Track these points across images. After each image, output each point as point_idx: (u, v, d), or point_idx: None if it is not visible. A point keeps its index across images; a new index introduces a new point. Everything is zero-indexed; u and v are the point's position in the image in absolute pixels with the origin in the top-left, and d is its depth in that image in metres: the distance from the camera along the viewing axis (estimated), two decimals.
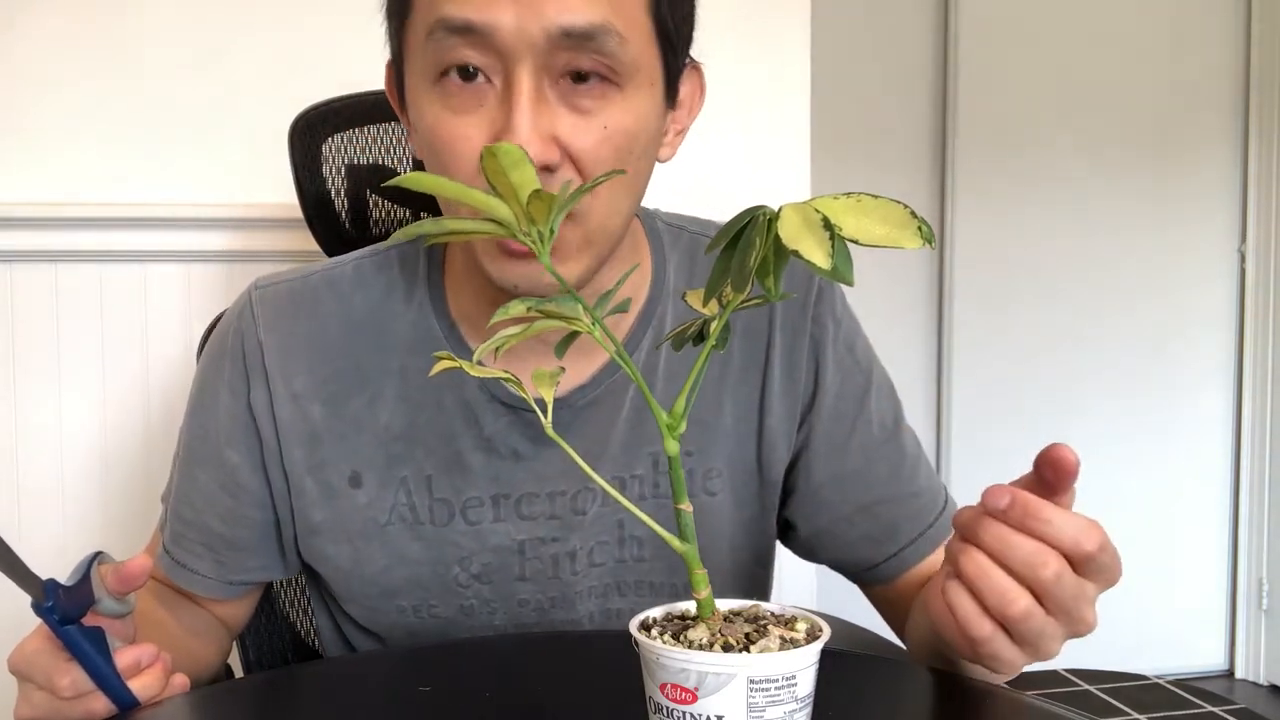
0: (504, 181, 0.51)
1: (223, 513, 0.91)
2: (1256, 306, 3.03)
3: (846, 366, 0.93)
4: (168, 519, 0.94)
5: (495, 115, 0.75)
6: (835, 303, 0.94)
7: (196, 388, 0.93)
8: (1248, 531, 3.05)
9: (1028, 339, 2.91)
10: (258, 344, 0.89)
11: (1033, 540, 0.65)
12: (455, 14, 0.74)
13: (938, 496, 0.95)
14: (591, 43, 0.74)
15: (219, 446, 0.90)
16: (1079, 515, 0.66)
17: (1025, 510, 0.65)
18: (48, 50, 1.55)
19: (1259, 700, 2.94)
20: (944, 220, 2.90)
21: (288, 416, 0.88)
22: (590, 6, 0.74)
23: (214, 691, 0.85)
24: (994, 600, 0.66)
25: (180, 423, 0.95)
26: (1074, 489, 0.67)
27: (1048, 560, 0.65)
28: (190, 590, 0.92)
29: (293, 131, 1.20)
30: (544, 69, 0.75)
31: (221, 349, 0.92)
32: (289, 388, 0.89)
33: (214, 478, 0.91)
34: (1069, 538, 0.65)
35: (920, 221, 0.49)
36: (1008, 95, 2.89)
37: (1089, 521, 0.66)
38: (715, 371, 0.91)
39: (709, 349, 0.57)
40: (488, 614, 0.90)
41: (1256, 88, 2.99)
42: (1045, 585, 0.65)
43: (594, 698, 0.75)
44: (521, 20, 0.73)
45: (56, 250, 1.54)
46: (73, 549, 1.56)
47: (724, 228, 0.53)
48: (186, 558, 0.92)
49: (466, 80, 0.76)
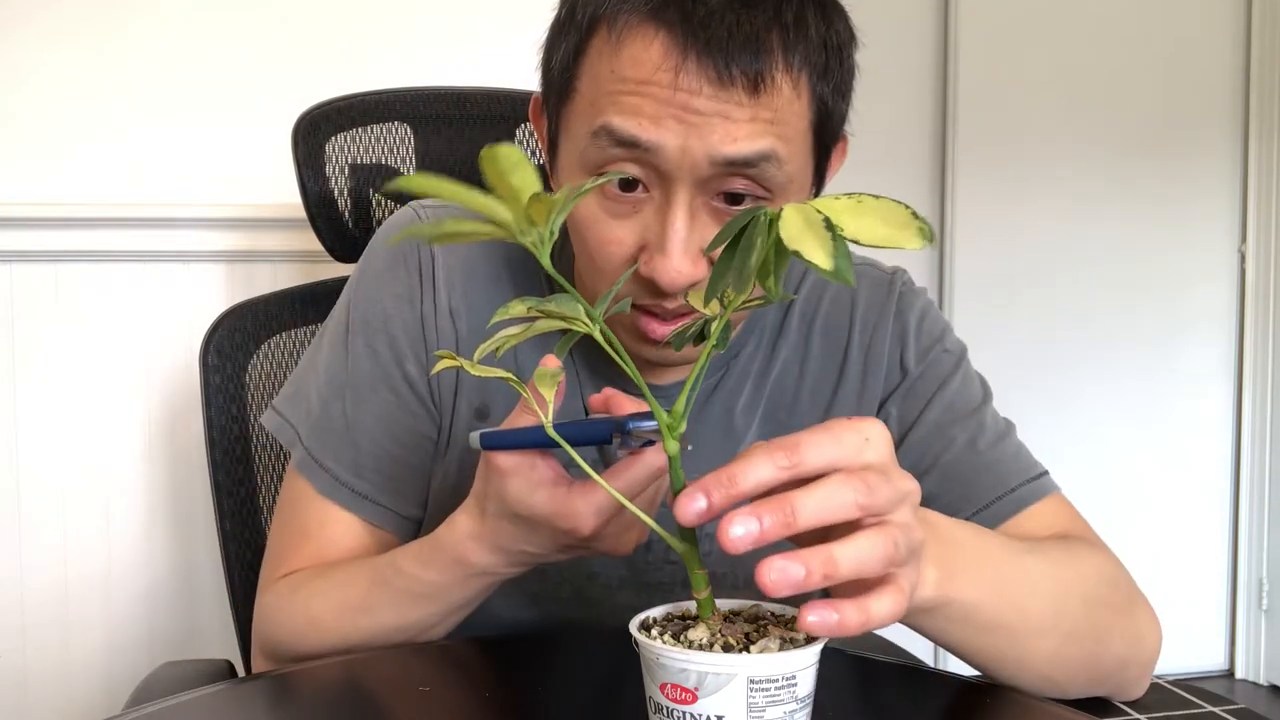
0: (504, 184, 0.51)
1: (401, 435, 0.89)
2: (1256, 306, 3.03)
3: (934, 355, 0.94)
4: (333, 442, 0.89)
5: (649, 224, 0.77)
6: (919, 298, 0.96)
7: (361, 308, 0.90)
8: (1248, 531, 3.05)
9: (1028, 339, 2.91)
10: (431, 255, 0.90)
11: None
12: (622, 128, 0.74)
13: (1028, 468, 0.91)
14: (752, 169, 0.75)
15: (397, 363, 0.89)
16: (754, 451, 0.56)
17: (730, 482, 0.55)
18: (48, 50, 1.55)
19: (1259, 700, 2.94)
20: (944, 220, 2.90)
21: (446, 329, 0.89)
22: (755, 138, 0.74)
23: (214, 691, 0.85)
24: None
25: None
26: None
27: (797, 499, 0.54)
28: (376, 523, 0.89)
29: (296, 131, 1.20)
30: (701, 188, 0.75)
31: (393, 260, 0.91)
32: (449, 301, 0.89)
33: (392, 397, 0.89)
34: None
35: (921, 222, 0.49)
36: (1008, 95, 2.89)
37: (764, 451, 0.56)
38: (794, 370, 0.93)
39: (709, 349, 0.58)
40: (557, 581, 0.90)
41: (1256, 88, 2.99)
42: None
43: (594, 698, 0.75)
44: (687, 144, 0.73)
45: (56, 250, 1.54)
46: (73, 548, 1.57)
47: (724, 228, 0.53)
48: (369, 489, 0.89)
49: (625, 190, 0.76)
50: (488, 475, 0.70)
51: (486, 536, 0.73)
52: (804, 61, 0.76)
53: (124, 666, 1.59)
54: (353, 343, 0.90)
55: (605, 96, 0.75)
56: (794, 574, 0.53)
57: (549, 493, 0.68)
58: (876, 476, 0.56)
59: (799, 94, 0.76)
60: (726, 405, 0.92)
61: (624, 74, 0.74)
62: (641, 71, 0.73)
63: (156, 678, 1.00)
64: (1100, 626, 0.80)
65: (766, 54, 0.73)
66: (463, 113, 1.26)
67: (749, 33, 0.73)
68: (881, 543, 0.55)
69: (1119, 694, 0.83)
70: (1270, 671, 3.02)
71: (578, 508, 0.67)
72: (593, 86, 0.77)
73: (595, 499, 0.67)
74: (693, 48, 0.72)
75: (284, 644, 0.88)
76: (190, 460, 1.57)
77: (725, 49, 0.72)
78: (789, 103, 0.76)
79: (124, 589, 1.60)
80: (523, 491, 0.68)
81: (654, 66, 0.73)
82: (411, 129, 1.23)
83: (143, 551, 1.60)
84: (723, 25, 0.73)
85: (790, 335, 0.94)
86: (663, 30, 0.73)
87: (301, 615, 0.86)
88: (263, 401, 1.17)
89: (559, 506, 0.67)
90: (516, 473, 0.68)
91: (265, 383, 1.18)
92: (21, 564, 1.55)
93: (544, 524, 0.68)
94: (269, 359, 1.18)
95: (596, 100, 0.76)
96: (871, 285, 0.95)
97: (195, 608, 1.60)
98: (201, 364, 1.15)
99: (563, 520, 0.67)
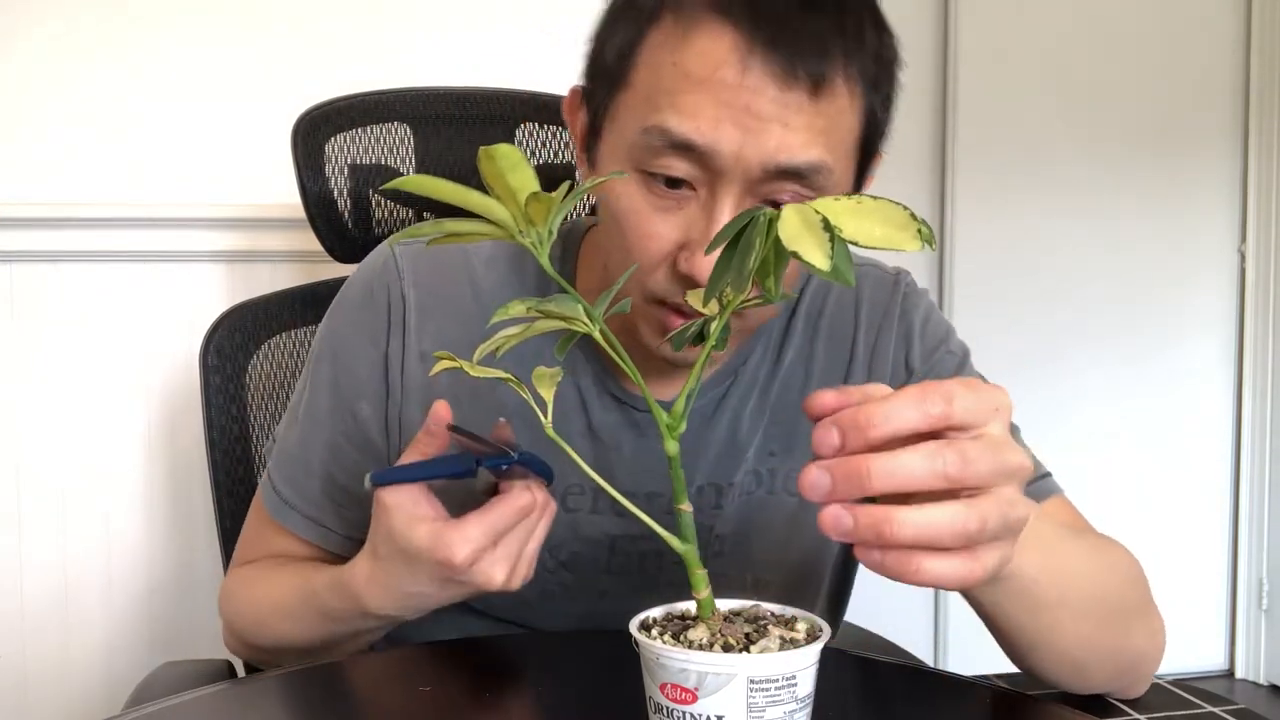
0: (502, 184, 0.51)
1: (348, 465, 0.91)
2: (1256, 306, 3.02)
3: (938, 356, 0.95)
4: (291, 471, 0.93)
5: (694, 221, 0.76)
6: (923, 299, 0.96)
7: (329, 340, 0.93)
8: (1248, 531, 3.05)
9: (1027, 339, 2.91)
10: (401, 296, 0.90)
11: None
12: (678, 129, 0.74)
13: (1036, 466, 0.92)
14: (801, 179, 0.75)
15: (351, 399, 0.91)
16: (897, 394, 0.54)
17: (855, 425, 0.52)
18: (49, 51, 1.55)
19: (1259, 700, 2.94)
20: (944, 220, 2.90)
21: (414, 373, 0.90)
22: (810, 147, 0.74)
23: (214, 691, 0.85)
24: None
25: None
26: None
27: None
28: (307, 539, 0.92)
29: (296, 131, 1.20)
30: (749, 191, 0.75)
31: (363, 300, 0.92)
32: (419, 344, 0.90)
33: (341, 429, 0.91)
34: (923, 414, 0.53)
35: (920, 223, 0.49)
36: (1008, 95, 2.88)
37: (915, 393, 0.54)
38: (800, 372, 0.93)
39: (708, 349, 0.58)
40: (567, 600, 0.90)
41: (1256, 88, 2.99)
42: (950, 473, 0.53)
43: (594, 698, 0.75)
44: (743, 149, 0.73)
45: (56, 250, 1.54)
46: (73, 549, 1.57)
47: (724, 228, 0.53)
48: (310, 509, 0.92)
49: (671, 187, 0.76)
50: (378, 515, 0.76)
51: (378, 577, 0.77)
52: (860, 71, 0.76)
53: (124, 666, 1.59)
54: (316, 371, 0.93)
55: (664, 93, 0.74)
56: (844, 523, 0.52)
57: (428, 526, 0.73)
58: (982, 448, 0.53)
59: (853, 103, 0.77)
60: (735, 413, 0.92)
61: (688, 68, 0.74)
62: (706, 66, 0.73)
63: (156, 678, 1.00)
64: (1127, 618, 0.81)
65: (830, 57, 0.74)
66: (463, 113, 1.26)
67: (815, 33, 0.74)
68: (962, 517, 0.52)
69: (1129, 690, 0.84)
70: (1270, 671, 3.02)
71: (451, 537, 0.72)
72: (651, 79, 0.76)
73: (467, 530, 0.72)
74: (760, 43, 0.72)
75: (239, 631, 0.96)
76: (190, 460, 1.57)
77: (792, 47, 0.73)
78: (842, 112, 0.76)
79: (124, 589, 1.60)
80: (405, 525, 0.74)
81: (720, 61, 0.73)
82: (411, 129, 1.23)
83: (143, 551, 1.60)
84: (790, 24, 0.73)
85: (795, 338, 0.94)
86: (730, 24, 0.73)
87: (251, 612, 0.93)
88: (263, 401, 1.18)
89: (434, 539, 0.72)
90: (400, 508, 0.74)
91: (265, 383, 1.18)
92: (21, 564, 1.54)
93: (424, 558, 0.73)
94: (269, 359, 1.19)
95: (653, 95, 0.75)
96: (876, 286, 0.95)
97: (195, 608, 1.60)
98: (202, 364, 1.15)
99: (438, 551, 0.72)
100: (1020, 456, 0.56)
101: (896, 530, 0.52)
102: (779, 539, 0.94)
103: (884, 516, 0.52)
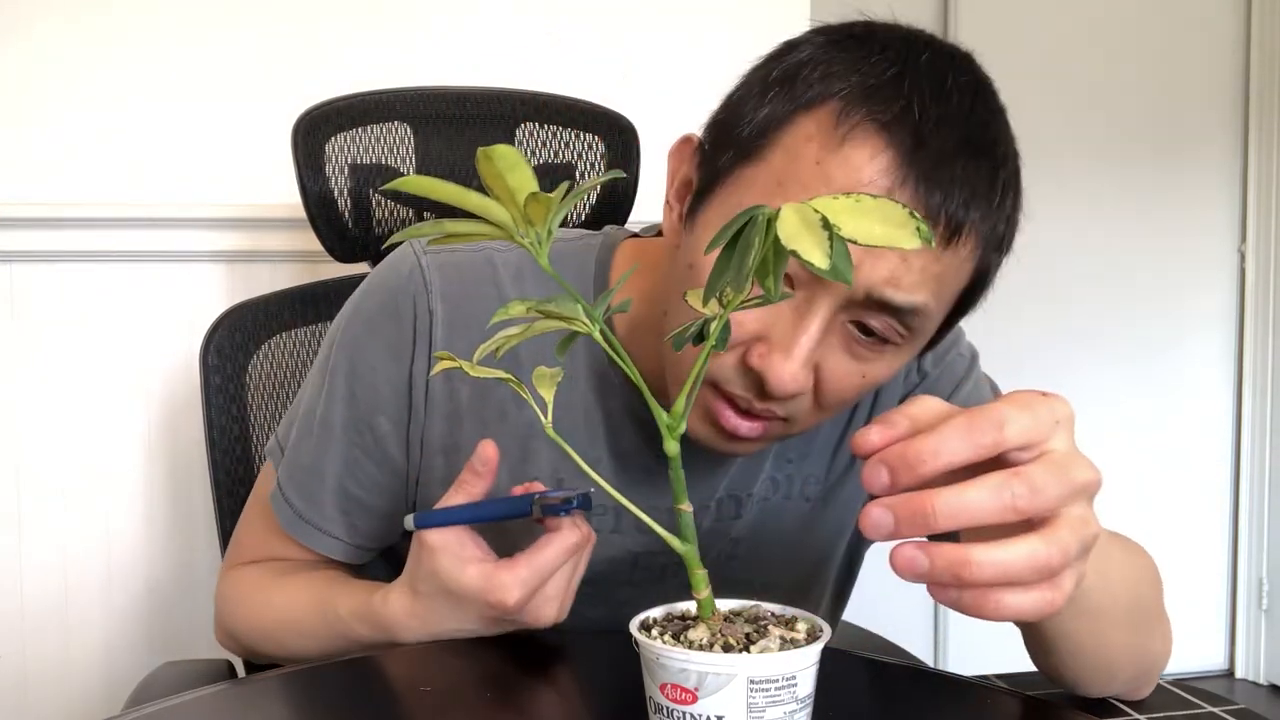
0: (501, 184, 0.51)
1: (362, 478, 0.90)
2: (1256, 306, 3.02)
3: (950, 358, 0.95)
4: (305, 483, 0.91)
5: (780, 319, 0.73)
6: None
7: (347, 350, 0.89)
8: (1248, 531, 3.05)
9: (1027, 339, 2.91)
10: (429, 310, 0.86)
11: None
12: None
13: None
14: (898, 315, 0.73)
15: (369, 413, 0.88)
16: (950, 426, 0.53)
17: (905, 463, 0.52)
18: (49, 51, 1.55)
19: (1259, 700, 2.94)
20: None
21: (439, 389, 0.87)
22: (917, 289, 0.72)
23: (214, 691, 0.85)
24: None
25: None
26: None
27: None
28: (319, 552, 0.91)
29: (296, 131, 1.20)
30: (843, 308, 0.73)
31: (387, 309, 0.88)
32: None
33: (359, 443, 0.89)
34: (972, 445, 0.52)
35: (919, 221, 0.49)
36: (1008, 95, 2.88)
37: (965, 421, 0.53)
38: None
39: (708, 349, 0.57)
40: (587, 607, 0.88)
41: (1256, 88, 2.99)
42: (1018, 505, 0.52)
43: (594, 698, 0.75)
44: (856, 270, 0.70)
45: (57, 250, 1.54)
46: (73, 549, 1.57)
47: (723, 228, 0.53)
48: (319, 518, 0.90)
49: None
50: (420, 554, 0.75)
51: (418, 613, 0.77)
52: (992, 230, 0.74)
53: (124, 666, 1.59)
54: (332, 383, 0.90)
55: (799, 186, 0.71)
56: (919, 565, 0.51)
57: (477, 568, 0.73)
58: (1048, 472, 0.52)
59: (972, 257, 0.75)
60: None
61: (831, 173, 0.70)
62: (851, 180, 0.70)
63: (156, 678, 1.00)
64: (1150, 620, 0.80)
65: (975, 210, 0.72)
66: (463, 113, 1.26)
67: (972, 184, 0.71)
68: (1044, 553, 0.51)
69: (1139, 691, 0.83)
70: (1270, 671, 3.02)
71: (504, 580, 0.72)
72: (787, 166, 0.72)
73: (520, 572, 0.72)
74: (914, 175, 0.70)
75: (237, 635, 0.95)
76: (190, 460, 1.57)
77: (945, 190, 0.70)
78: (962, 263, 0.74)
79: (124, 589, 1.60)
80: (453, 567, 0.73)
81: (867, 181, 0.70)
82: (411, 129, 1.23)
83: (143, 551, 1.60)
84: (948, 167, 0.70)
85: None
86: (890, 147, 0.70)
87: (255, 618, 0.92)
88: (263, 401, 1.18)
89: (486, 581, 0.72)
90: (446, 549, 0.74)
91: (265, 383, 1.18)
92: (21, 564, 1.54)
93: (472, 599, 0.73)
94: (269, 359, 1.19)
95: (786, 183, 0.72)
96: None
97: (195, 608, 1.60)
98: (202, 364, 1.15)
99: (491, 594, 0.72)
100: (1089, 471, 0.55)
101: (976, 572, 0.51)
102: (792, 542, 0.94)
103: (962, 559, 0.50)
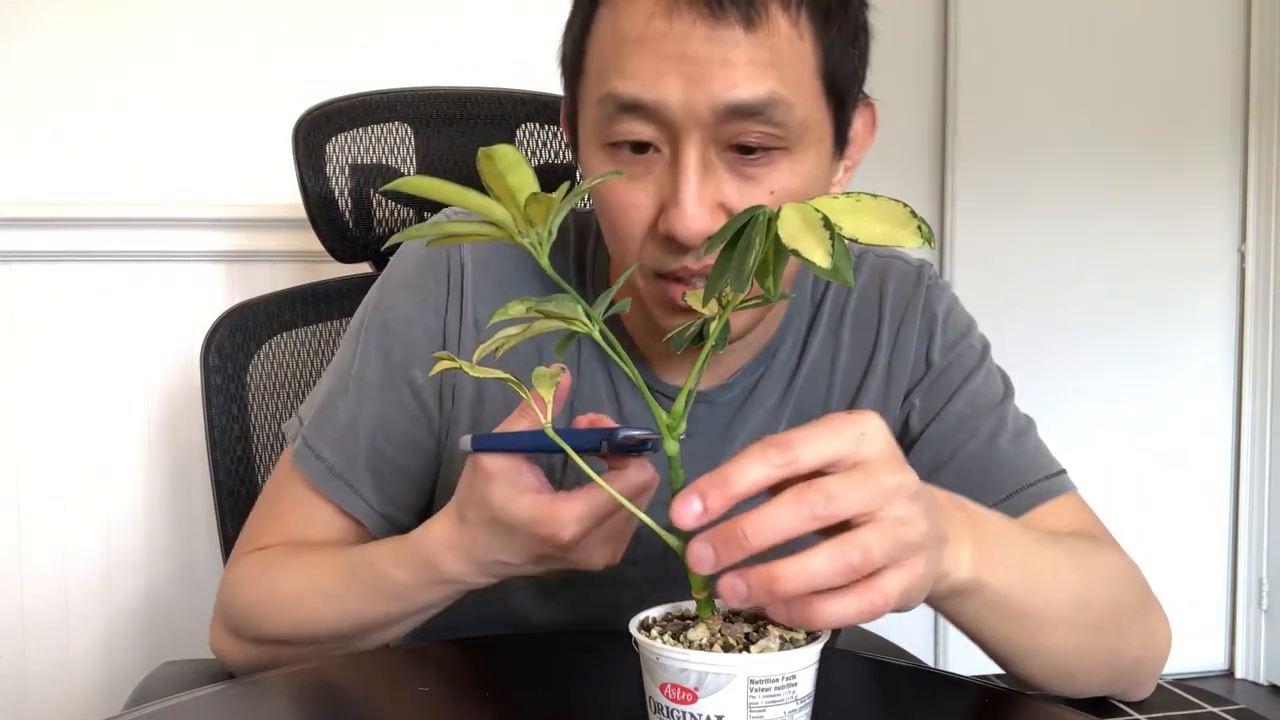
0: (501, 184, 0.51)
1: (396, 436, 0.89)
2: (1256, 306, 3.02)
3: (960, 349, 0.94)
4: (338, 438, 0.89)
5: (663, 182, 0.76)
6: (945, 292, 0.96)
7: (378, 311, 0.91)
8: (1248, 531, 3.05)
9: (1027, 339, 2.91)
10: (460, 263, 0.89)
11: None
12: (624, 91, 0.74)
13: (1047, 465, 0.92)
14: (759, 116, 0.74)
15: (405, 366, 0.89)
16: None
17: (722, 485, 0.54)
18: (50, 51, 1.55)
19: (1259, 700, 2.94)
20: (944, 220, 2.90)
21: (470, 342, 0.88)
22: (756, 81, 0.73)
23: (214, 691, 0.85)
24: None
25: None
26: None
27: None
28: (346, 509, 0.89)
29: (296, 131, 1.20)
30: (711, 140, 0.75)
31: (423, 265, 0.90)
32: (474, 313, 0.89)
33: (395, 399, 0.89)
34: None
35: (920, 220, 0.49)
36: (1008, 95, 2.89)
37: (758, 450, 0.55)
38: (825, 365, 0.93)
39: (708, 349, 0.58)
40: (588, 588, 0.88)
41: (1256, 88, 2.99)
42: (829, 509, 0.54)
43: (594, 698, 0.75)
44: (689, 96, 0.72)
45: (57, 250, 1.54)
46: (73, 549, 1.57)
47: (723, 227, 0.53)
48: (350, 474, 0.89)
49: (637, 152, 0.76)
50: (473, 480, 0.70)
51: (463, 544, 0.73)
52: (802, 1, 0.75)
53: (124, 666, 1.59)
54: (365, 339, 0.90)
55: (609, 63, 0.75)
56: (740, 591, 0.54)
57: (532, 499, 0.68)
58: (847, 479, 0.55)
59: (800, 34, 0.75)
60: (764, 404, 0.92)
61: (623, 32, 0.74)
62: (638, 24, 0.73)
63: (156, 678, 1.00)
64: (1120, 623, 0.80)
65: None
66: (463, 113, 1.26)
67: None
68: (841, 553, 0.54)
69: (1130, 693, 0.83)
70: (1270, 671, 3.02)
71: (560, 514, 0.67)
72: (598, 58, 0.77)
73: (576, 507, 0.67)
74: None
75: (245, 619, 0.89)
76: (190, 460, 1.57)
77: None
78: (789, 42, 0.74)
79: (124, 589, 1.60)
80: (507, 496, 0.69)
81: (649, 14, 0.73)
82: (412, 129, 1.23)
83: (143, 551, 1.60)
84: None
85: (820, 331, 0.93)
86: None
87: (266, 593, 0.87)
88: (264, 401, 1.18)
89: (541, 513, 0.67)
90: (503, 477, 0.69)
91: (266, 383, 1.18)
92: (21, 564, 1.54)
93: (524, 530, 0.69)
94: (270, 359, 1.19)
95: (601, 70, 0.76)
96: (900, 277, 0.95)
97: (195, 608, 1.60)
98: (202, 364, 1.15)
99: (544, 526, 0.67)
100: (900, 475, 0.56)
101: (785, 585, 0.53)
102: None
103: (770, 575, 0.53)
